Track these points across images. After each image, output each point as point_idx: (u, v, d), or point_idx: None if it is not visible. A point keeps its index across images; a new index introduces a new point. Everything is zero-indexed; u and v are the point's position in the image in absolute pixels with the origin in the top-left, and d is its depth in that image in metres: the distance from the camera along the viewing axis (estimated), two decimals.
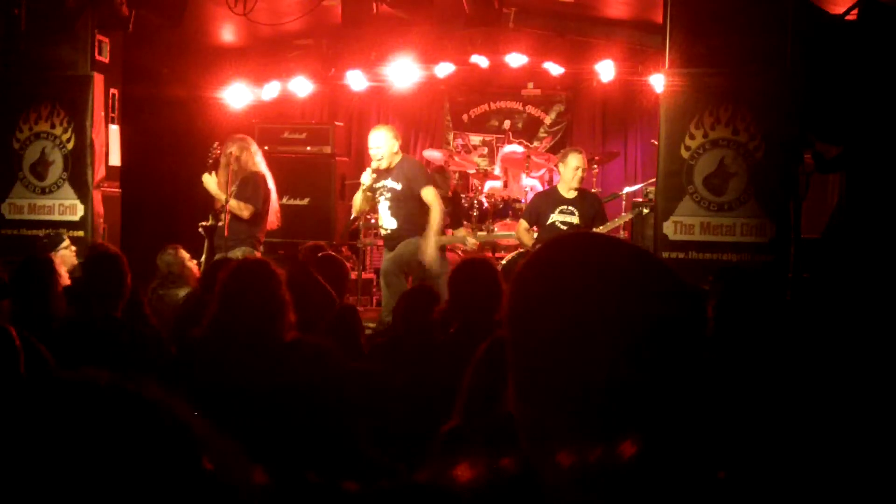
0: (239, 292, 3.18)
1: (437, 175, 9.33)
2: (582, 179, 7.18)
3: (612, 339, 1.01)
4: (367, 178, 6.85)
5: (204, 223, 7.07)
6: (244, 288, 3.18)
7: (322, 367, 2.99)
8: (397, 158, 6.84)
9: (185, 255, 6.15)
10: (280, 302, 3.18)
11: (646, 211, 7.49)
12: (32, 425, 0.92)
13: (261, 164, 6.92)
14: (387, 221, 6.84)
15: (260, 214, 6.79)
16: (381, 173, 6.84)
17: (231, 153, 6.76)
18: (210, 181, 6.80)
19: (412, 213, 6.78)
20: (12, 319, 3.15)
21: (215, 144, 7.02)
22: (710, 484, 1.01)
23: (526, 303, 1.08)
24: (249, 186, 6.77)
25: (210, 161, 6.93)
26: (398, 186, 6.76)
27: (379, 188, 6.85)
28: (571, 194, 7.17)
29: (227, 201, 6.65)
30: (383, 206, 6.86)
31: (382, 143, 6.78)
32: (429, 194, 6.66)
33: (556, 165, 7.92)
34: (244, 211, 6.72)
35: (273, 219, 7.00)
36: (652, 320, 1.02)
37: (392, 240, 6.86)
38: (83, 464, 0.89)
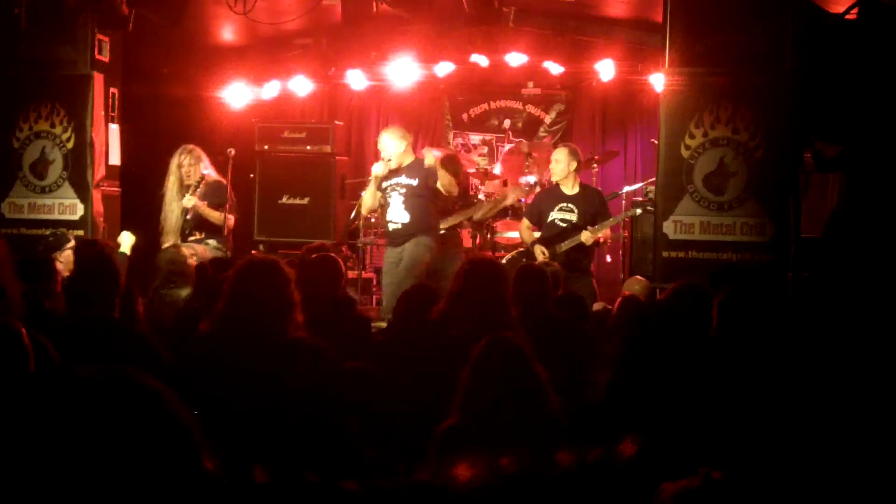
0: (248, 291, 3.18)
1: (447, 161, 9.17)
2: (564, 172, 7.09)
3: None
4: (379, 168, 6.87)
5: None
6: (253, 286, 3.19)
7: (320, 366, 2.99)
8: (409, 158, 6.87)
9: (186, 252, 6.13)
10: (288, 301, 3.18)
11: (649, 209, 7.47)
12: (43, 418, 0.93)
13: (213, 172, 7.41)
14: (398, 215, 6.85)
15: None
16: (391, 171, 6.87)
17: (187, 163, 7.31)
18: (189, 201, 7.23)
19: (425, 209, 6.87)
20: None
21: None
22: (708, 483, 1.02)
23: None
24: (221, 193, 7.20)
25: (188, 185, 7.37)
26: (414, 182, 6.82)
27: (391, 185, 6.86)
28: (573, 191, 7.13)
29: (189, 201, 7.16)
30: (395, 201, 6.88)
31: (387, 145, 6.86)
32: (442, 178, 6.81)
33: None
34: (213, 214, 7.18)
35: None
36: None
37: (400, 236, 6.84)
38: (90, 453, 0.91)
